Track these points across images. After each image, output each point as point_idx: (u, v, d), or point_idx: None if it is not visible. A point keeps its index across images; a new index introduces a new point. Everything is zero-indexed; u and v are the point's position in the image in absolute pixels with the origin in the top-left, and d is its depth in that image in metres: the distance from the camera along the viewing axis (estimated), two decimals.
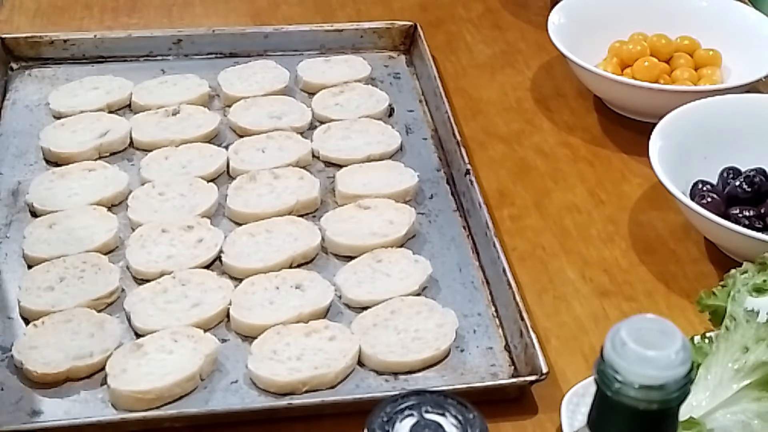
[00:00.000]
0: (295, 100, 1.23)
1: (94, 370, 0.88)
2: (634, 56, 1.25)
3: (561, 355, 0.93)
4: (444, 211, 1.09)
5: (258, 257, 1.00)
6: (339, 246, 1.02)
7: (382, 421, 0.62)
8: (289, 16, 1.43)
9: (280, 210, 1.06)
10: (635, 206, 1.11)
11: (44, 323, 0.91)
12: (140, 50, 1.31)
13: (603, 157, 1.19)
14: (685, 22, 1.31)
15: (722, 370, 0.80)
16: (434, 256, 1.02)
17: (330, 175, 1.12)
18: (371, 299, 0.95)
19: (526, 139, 1.22)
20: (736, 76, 1.24)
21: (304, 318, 0.93)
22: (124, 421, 0.84)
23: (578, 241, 1.07)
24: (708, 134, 1.09)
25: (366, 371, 0.90)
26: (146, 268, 0.98)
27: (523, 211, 1.10)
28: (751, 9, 1.31)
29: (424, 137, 1.20)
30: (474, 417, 0.62)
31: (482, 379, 0.89)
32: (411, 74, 1.31)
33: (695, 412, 0.79)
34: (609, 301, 0.99)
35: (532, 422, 0.87)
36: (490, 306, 0.97)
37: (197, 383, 0.88)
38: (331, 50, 1.34)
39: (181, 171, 1.11)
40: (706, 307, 0.86)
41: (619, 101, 1.24)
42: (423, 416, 0.62)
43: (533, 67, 1.35)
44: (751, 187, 1.04)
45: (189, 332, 0.91)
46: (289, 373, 0.87)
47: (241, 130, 1.18)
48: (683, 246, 1.06)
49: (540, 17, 1.35)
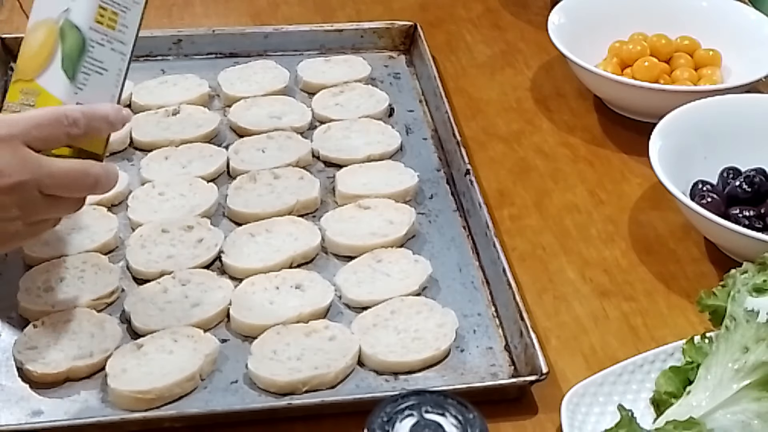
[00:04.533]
0: (295, 100, 1.23)
1: (94, 370, 0.88)
2: (634, 56, 1.25)
3: (561, 355, 0.93)
4: (444, 211, 1.09)
5: (258, 257, 1.00)
6: (339, 246, 1.02)
7: (382, 421, 0.62)
8: (289, 16, 1.43)
9: (280, 210, 1.06)
10: (635, 206, 1.11)
11: (44, 323, 0.91)
12: (140, 50, 1.28)
13: (603, 157, 1.19)
14: (685, 22, 1.31)
15: (722, 370, 0.80)
16: (434, 256, 1.02)
17: (330, 175, 1.12)
18: (371, 299, 0.95)
19: (526, 139, 1.22)
20: (736, 76, 1.24)
21: (304, 318, 0.93)
22: (124, 421, 0.84)
23: (578, 241, 1.07)
24: (708, 134, 1.09)
25: (366, 371, 0.90)
26: (146, 268, 0.98)
27: (523, 211, 1.10)
28: (751, 9, 1.31)
29: (424, 137, 1.20)
30: (474, 417, 0.62)
31: (482, 379, 0.89)
32: (411, 74, 1.31)
33: (695, 412, 0.79)
34: (609, 301, 0.99)
35: (532, 422, 0.87)
36: (490, 306, 0.97)
37: (197, 383, 0.88)
38: (331, 50, 1.34)
39: (181, 171, 1.11)
40: (706, 307, 0.86)
41: (619, 101, 1.24)
42: (423, 416, 0.62)
43: (533, 67, 1.35)
44: (751, 187, 1.04)
45: (189, 332, 0.91)
46: (289, 373, 0.87)
47: (241, 130, 1.18)
48: (683, 246, 1.06)
49: (540, 17, 1.35)
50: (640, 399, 0.86)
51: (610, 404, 0.84)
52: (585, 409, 0.84)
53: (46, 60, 0.81)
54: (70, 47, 0.81)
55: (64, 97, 0.81)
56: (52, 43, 0.81)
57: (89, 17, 0.81)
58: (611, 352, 0.93)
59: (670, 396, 0.83)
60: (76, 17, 0.81)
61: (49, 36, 0.81)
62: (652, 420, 0.83)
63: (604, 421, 0.83)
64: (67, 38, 0.81)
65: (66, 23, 0.81)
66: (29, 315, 0.93)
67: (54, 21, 0.81)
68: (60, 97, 0.81)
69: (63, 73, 0.81)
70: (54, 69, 0.81)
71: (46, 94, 0.81)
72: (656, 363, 0.87)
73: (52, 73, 0.81)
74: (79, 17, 0.81)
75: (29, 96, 0.81)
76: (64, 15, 0.81)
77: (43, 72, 0.81)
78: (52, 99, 0.81)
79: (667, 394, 0.84)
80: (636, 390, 0.86)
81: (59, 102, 0.81)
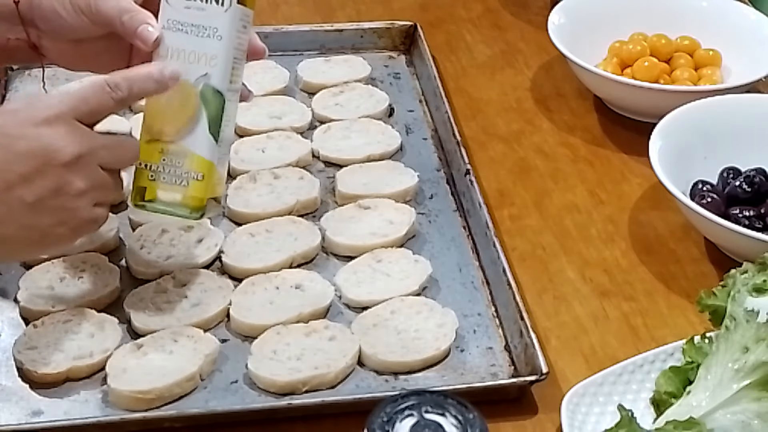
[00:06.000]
0: (295, 100, 1.23)
1: (94, 370, 0.88)
2: (634, 56, 1.25)
3: (561, 355, 0.93)
4: (444, 211, 1.09)
5: (258, 257, 1.00)
6: (339, 246, 1.02)
7: (382, 421, 0.62)
8: (289, 16, 1.43)
9: (280, 210, 1.06)
10: (635, 206, 1.11)
11: (44, 323, 0.91)
12: None
13: (603, 157, 1.19)
14: (685, 22, 1.31)
15: (722, 370, 0.80)
16: (434, 256, 1.02)
17: (330, 175, 1.12)
18: (371, 299, 0.95)
19: (526, 139, 1.22)
20: (736, 76, 1.24)
21: (304, 318, 0.93)
22: (124, 421, 0.84)
23: (578, 241, 1.07)
24: (708, 134, 1.09)
25: (366, 371, 0.90)
26: (146, 268, 0.98)
27: (523, 211, 1.10)
28: (751, 9, 1.31)
29: (424, 137, 1.20)
30: (474, 417, 0.62)
31: (482, 379, 0.89)
32: (411, 74, 1.31)
33: (695, 412, 0.79)
34: (609, 301, 0.99)
35: (532, 422, 0.87)
36: (490, 306, 0.97)
37: (197, 383, 0.88)
38: (331, 50, 1.34)
39: None
40: (706, 307, 0.86)
41: (619, 101, 1.24)
42: (423, 416, 0.62)
43: (533, 67, 1.35)
44: (751, 187, 1.04)
45: (189, 332, 0.91)
46: (289, 373, 0.87)
47: (241, 130, 1.18)
48: (683, 246, 1.06)
49: (540, 17, 1.35)
50: (640, 399, 0.86)
51: (610, 404, 0.84)
52: (585, 409, 0.84)
53: (189, 123, 0.84)
54: (216, 111, 0.84)
55: (212, 157, 0.85)
56: (193, 107, 0.84)
57: (227, 80, 0.85)
58: (611, 352, 0.93)
59: (670, 396, 0.83)
60: (217, 82, 0.84)
61: (189, 99, 0.84)
62: (652, 420, 0.83)
63: (604, 421, 0.83)
64: (210, 102, 0.84)
65: (208, 89, 0.84)
66: (29, 315, 0.93)
67: (191, 85, 0.84)
68: (209, 158, 0.85)
69: (211, 136, 0.84)
70: (200, 132, 0.84)
71: (195, 156, 0.84)
72: (656, 363, 0.87)
73: (199, 136, 0.84)
74: (220, 82, 0.84)
75: (174, 157, 0.85)
76: (204, 80, 0.84)
77: (187, 135, 0.84)
78: (202, 160, 0.84)
79: (667, 394, 0.84)
80: (636, 390, 0.86)
81: (210, 163, 0.84)
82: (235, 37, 0.84)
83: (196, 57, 0.84)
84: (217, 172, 0.86)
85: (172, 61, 0.84)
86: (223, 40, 0.84)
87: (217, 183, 0.87)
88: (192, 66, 0.84)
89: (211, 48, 0.84)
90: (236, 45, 0.85)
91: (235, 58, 0.85)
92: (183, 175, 0.85)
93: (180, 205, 0.85)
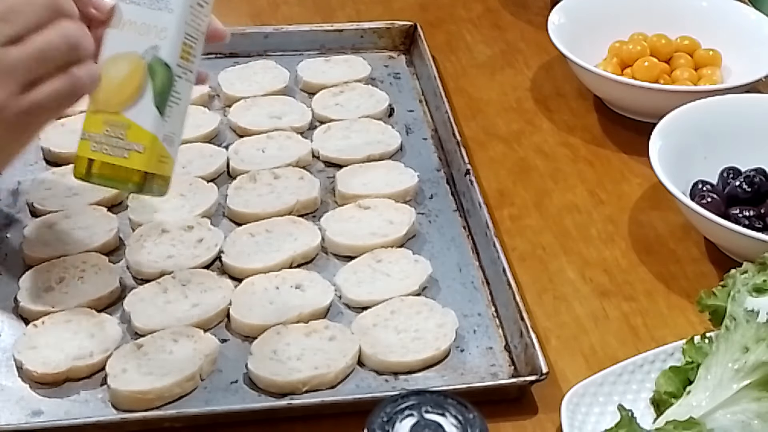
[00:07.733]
0: (295, 100, 1.23)
1: (94, 370, 0.88)
2: (634, 56, 1.25)
3: (561, 355, 0.93)
4: (444, 211, 1.09)
5: (258, 257, 1.00)
6: (339, 246, 1.02)
7: (382, 421, 0.62)
8: (289, 16, 1.43)
9: (280, 210, 1.06)
10: (635, 206, 1.11)
11: (44, 323, 0.91)
12: None
13: (603, 157, 1.19)
14: (685, 22, 1.31)
15: (722, 370, 0.80)
16: (434, 256, 1.02)
17: (330, 175, 1.12)
18: (371, 299, 0.95)
19: (526, 139, 1.22)
20: (736, 76, 1.24)
21: (304, 318, 0.93)
22: (124, 421, 0.84)
23: (578, 241, 1.07)
24: (708, 134, 1.09)
25: (366, 371, 0.90)
26: (146, 268, 0.98)
27: (523, 211, 1.10)
28: (751, 9, 1.31)
29: (424, 137, 1.20)
30: (474, 417, 0.62)
31: (482, 379, 0.89)
32: (411, 74, 1.31)
33: (695, 412, 0.79)
34: (609, 301, 0.99)
35: (532, 422, 0.87)
36: (490, 306, 0.97)
37: (197, 383, 0.88)
38: (331, 50, 1.34)
39: (181, 171, 1.10)
40: (706, 307, 0.86)
41: (619, 101, 1.24)
42: (423, 416, 0.62)
43: (533, 67, 1.35)
44: (751, 187, 1.04)
45: (189, 332, 0.91)
46: (289, 373, 0.87)
47: (241, 130, 1.18)
48: (683, 246, 1.06)
49: (540, 17, 1.35)
50: (640, 399, 0.86)
51: (610, 404, 0.84)
52: (585, 409, 0.84)
53: (134, 94, 0.82)
54: (162, 84, 0.83)
55: (156, 130, 0.83)
56: (139, 78, 0.82)
57: (177, 54, 0.83)
58: (611, 352, 0.93)
59: (670, 396, 0.83)
60: (165, 55, 0.82)
61: (136, 71, 0.82)
62: (652, 420, 0.83)
63: (604, 421, 0.83)
64: (158, 75, 0.82)
65: (156, 60, 0.82)
66: (29, 315, 0.93)
67: (139, 56, 0.82)
68: (152, 131, 0.82)
69: (155, 108, 0.82)
70: (144, 104, 0.82)
71: (137, 128, 0.82)
72: (656, 363, 0.87)
73: (143, 108, 0.82)
74: (169, 55, 0.82)
75: (117, 128, 0.82)
76: (152, 52, 0.82)
77: (131, 106, 0.82)
78: (144, 132, 0.82)
79: (667, 394, 0.84)
80: (636, 390, 0.86)
81: (152, 135, 0.82)
82: (188, 12, 0.83)
83: (147, 28, 0.82)
84: (161, 146, 0.84)
85: (124, 31, 0.83)
86: (174, 13, 0.82)
87: (161, 160, 0.84)
88: (142, 38, 0.83)
89: (161, 20, 0.82)
90: (189, 20, 0.83)
91: (188, 33, 0.84)
92: (124, 146, 0.83)
93: (120, 177, 0.83)
